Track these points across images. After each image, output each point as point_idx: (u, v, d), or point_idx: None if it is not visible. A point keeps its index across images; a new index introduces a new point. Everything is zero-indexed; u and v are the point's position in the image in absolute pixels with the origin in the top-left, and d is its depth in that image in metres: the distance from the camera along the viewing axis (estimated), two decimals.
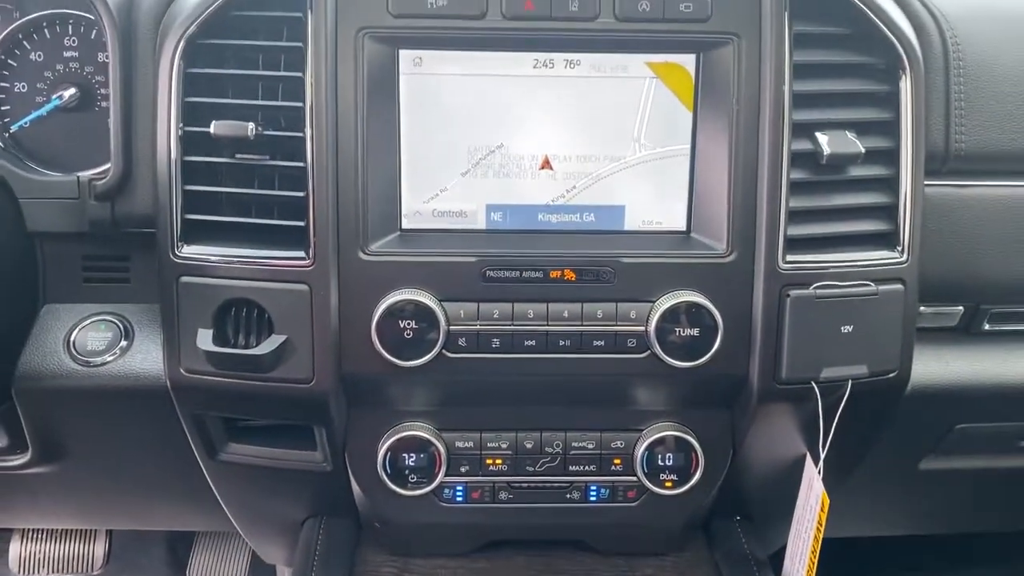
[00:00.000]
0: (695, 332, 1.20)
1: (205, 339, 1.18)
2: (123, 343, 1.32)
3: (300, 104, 1.16)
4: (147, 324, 1.33)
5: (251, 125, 1.16)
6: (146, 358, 1.31)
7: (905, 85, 1.23)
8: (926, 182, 1.27)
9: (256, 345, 1.19)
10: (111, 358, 1.32)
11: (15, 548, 2.12)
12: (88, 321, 1.33)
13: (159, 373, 1.30)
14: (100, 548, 2.12)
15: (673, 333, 1.20)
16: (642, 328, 1.20)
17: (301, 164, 1.17)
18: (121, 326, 1.33)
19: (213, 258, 1.19)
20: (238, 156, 1.18)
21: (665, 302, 1.19)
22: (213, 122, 1.16)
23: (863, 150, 1.20)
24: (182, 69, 1.17)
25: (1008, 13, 1.37)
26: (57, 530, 2.12)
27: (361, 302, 1.18)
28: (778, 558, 1.43)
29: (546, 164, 1.22)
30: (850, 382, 1.24)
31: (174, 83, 1.17)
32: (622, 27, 1.17)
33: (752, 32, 1.18)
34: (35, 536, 2.12)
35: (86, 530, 2.12)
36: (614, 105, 1.20)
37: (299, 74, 1.16)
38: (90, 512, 1.75)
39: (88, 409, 1.37)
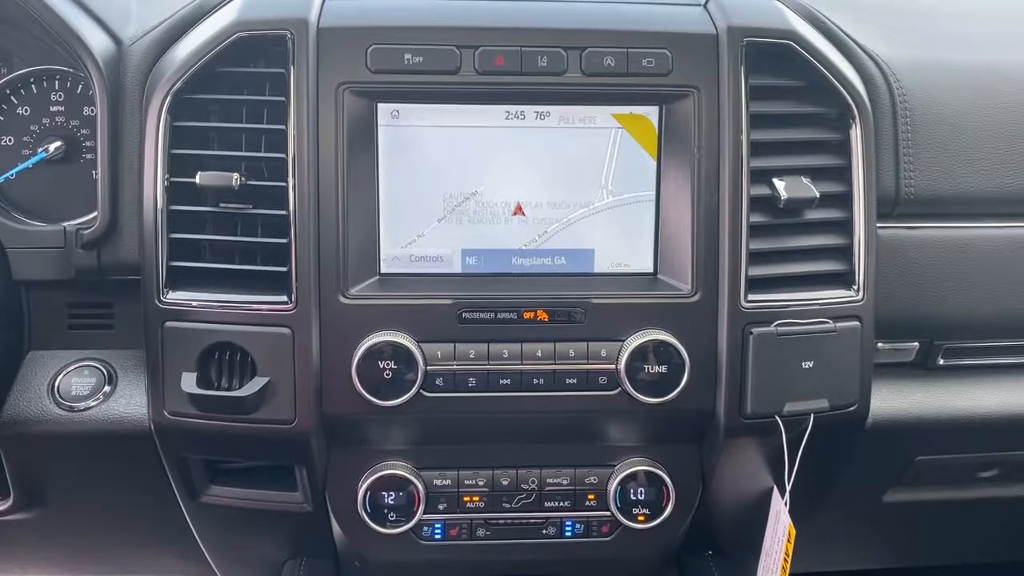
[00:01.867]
0: (663, 369, 1.23)
1: (189, 382, 1.20)
2: (106, 388, 1.33)
3: (283, 155, 1.20)
4: (130, 369, 1.34)
5: (236, 175, 1.19)
6: (129, 403, 1.32)
7: (855, 133, 1.28)
8: (878, 224, 1.32)
9: (239, 387, 1.21)
10: (94, 403, 1.32)
11: None
12: (72, 367, 1.34)
13: (141, 417, 1.31)
14: None
15: (642, 371, 1.23)
16: (612, 366, 1.23)
17: (283, 212, 1.20)
18: (104, 372, 1.34)
19: (197, 303, 1.21)
20: (222, 205, 1.21)
21: (634, 341, 1.23)
22: (199, 173, 1.19)
23: (818, 194, 1.25)
24: (169, 122, 1.21)
25: (950, 65, 1.43)
26: None
27: (341, 344, 1.21)
28: None
29: (518, 210, 1.26)
30: (812, 415, 1.27)
31: (161, 136, 1.20)
32: (589, 81, 1.21)
33: (711, 85, 1.23)
34: None
35: None
36: (582, 154, 1.25)
37: (282, 127, 1.20)
38: (66, 560, 1.72)
39: (71, 454, 1.37)
